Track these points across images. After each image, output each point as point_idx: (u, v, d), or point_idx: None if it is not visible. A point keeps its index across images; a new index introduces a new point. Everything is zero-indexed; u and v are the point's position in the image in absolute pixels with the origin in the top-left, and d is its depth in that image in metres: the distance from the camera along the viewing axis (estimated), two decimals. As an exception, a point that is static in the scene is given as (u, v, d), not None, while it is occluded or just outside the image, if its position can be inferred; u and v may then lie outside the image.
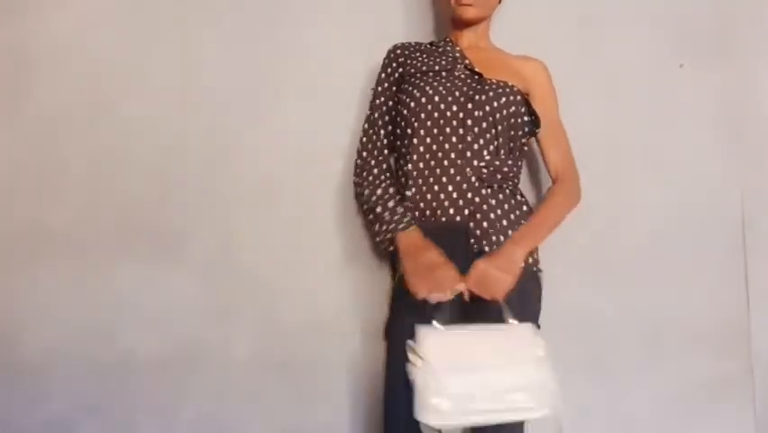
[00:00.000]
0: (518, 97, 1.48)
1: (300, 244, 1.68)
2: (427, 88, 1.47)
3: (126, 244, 1.72)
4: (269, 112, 1.73)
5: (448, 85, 1.48)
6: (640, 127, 1.71)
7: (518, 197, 1.49)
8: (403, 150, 1.49)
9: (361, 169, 1.54)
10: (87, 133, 1.76)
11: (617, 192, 1.69)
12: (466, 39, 1.58)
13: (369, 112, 1.59)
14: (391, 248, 1.42)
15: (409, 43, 1.61)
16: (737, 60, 1.71)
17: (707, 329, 1.64)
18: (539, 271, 1.46)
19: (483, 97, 1.45)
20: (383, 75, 1.59)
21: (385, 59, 1.60)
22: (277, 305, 1.67)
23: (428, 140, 1.45)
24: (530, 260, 1.43)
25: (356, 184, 1.55)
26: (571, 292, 1.64)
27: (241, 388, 1.66)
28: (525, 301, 1.42)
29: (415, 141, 1.46)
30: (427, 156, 1.45)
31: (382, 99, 1.57)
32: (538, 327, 1.42)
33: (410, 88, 1.49)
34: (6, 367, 1.70)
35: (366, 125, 1.58)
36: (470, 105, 1.45)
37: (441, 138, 1.45)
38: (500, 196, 1.44)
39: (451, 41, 1.59)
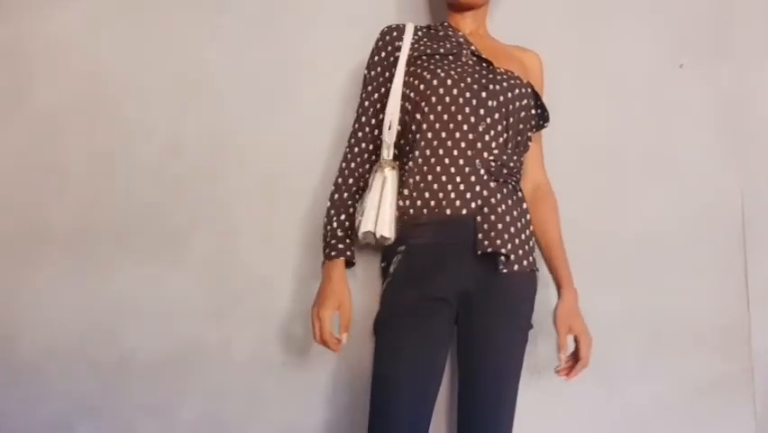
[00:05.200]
0: (529, 90, 1.45)
1: (300, 243, 1.68)
2: (438, 71, 1.38)
3: (126, 244, 1.72)
4: (269, 111, 1.73)
5: (459, 70, 1.39)
6: (640, 127, 1.70)
7: (519, 193, 1.45)
8: (409, 136, 1.40)
9: (341, 178, 1.47)
10: (87, 133, 1.76)
11: (617, 192, 1.69)
12: (466, 25, 1.51)
13: (359, 105, 1.49)
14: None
15: (404, 25, 1.49)
16: (737, 60, 1.71)
17: (707, 329, 1.64)
18: (536, 270, 1.44)
19: (498, 87, 1.39)
20: (376, 58, 1.48)
21: (379, 41, 1.49)
22: (277, 305, 1.67)
23: (437, 126, 1.37)
24: (530, 260, 1.41)
25: (334, 185, 1.47)
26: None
27: (241, 388, 1.66)
28: (524, 300, 1.43)
29: (424, 126, 1.37)
30: (435, 143, 1.36)
31: (375, 86, 1.47)
32: (531, 325, 1.43)
33: (418, 71, 1.40)
34: (6, 367, 1.70)
35: (356, 125, 1.49)
36: (484, 94, 1.38)
37: (451, 126, 1.37)
38: (504, 191, 1.39)
39: (450, 25, 1.51)
